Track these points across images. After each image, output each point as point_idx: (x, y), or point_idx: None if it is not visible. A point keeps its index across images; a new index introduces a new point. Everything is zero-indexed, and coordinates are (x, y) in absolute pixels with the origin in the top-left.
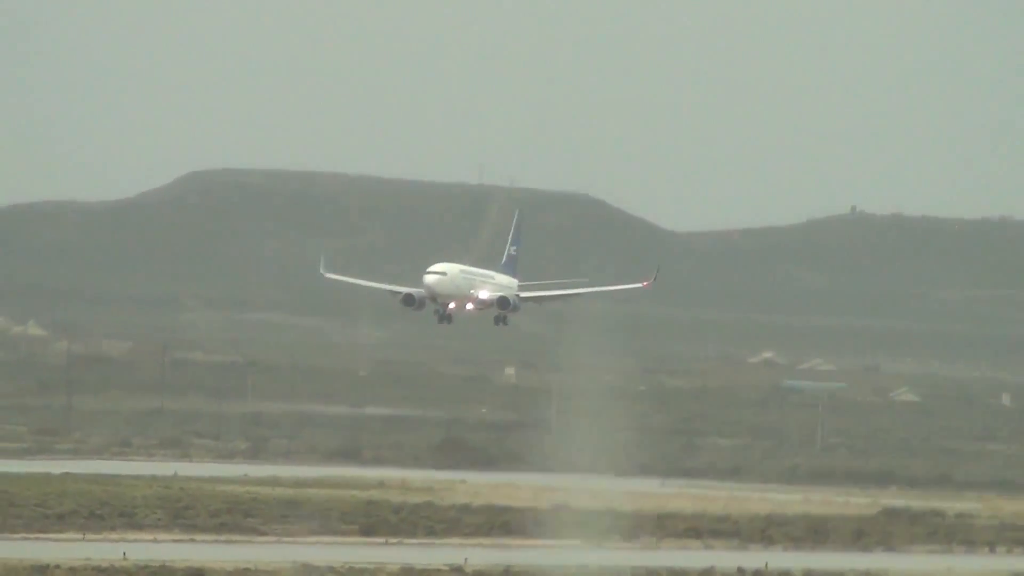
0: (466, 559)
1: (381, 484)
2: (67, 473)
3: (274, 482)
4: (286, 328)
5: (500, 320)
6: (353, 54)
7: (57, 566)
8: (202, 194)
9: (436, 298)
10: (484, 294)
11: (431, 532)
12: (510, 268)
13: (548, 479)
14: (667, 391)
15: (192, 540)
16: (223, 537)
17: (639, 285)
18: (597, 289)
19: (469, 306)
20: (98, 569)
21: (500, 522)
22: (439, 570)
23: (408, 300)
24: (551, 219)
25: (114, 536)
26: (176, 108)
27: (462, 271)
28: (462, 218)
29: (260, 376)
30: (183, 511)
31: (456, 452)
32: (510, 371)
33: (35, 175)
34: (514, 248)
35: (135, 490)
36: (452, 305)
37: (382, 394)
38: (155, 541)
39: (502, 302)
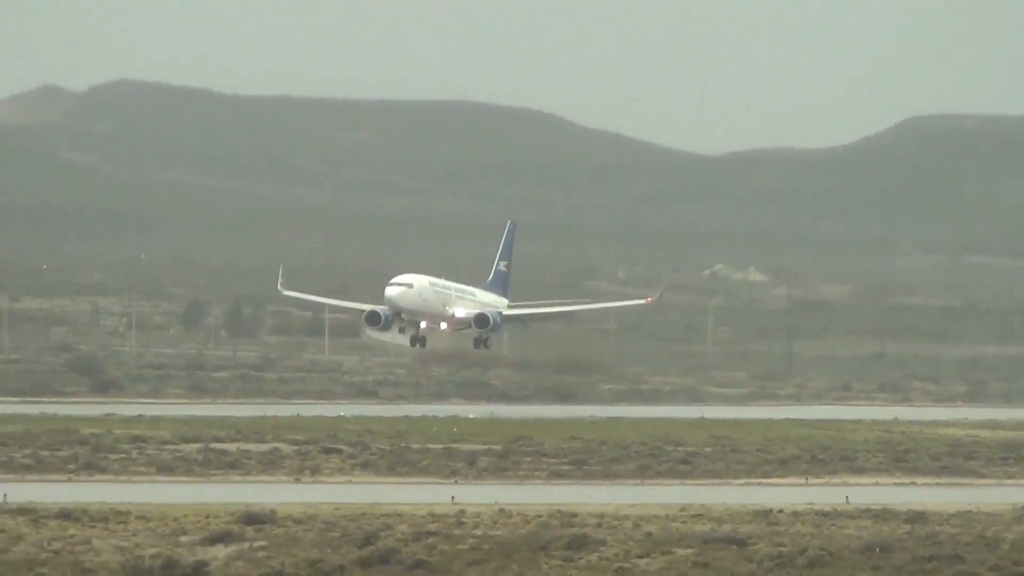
0: None
1: None
2: (788, 418)
3: (994, 425)
4: (1004, 271)
5: (480, 343)
6: None
7: (780, 510)
8: (920, 140)
9: (401, 314)
10: (460, 312)
11: None
12: (499, 285)
13: None
14: None
15: (913, 483)
16: (943, 480)
17: (642, 302)
18: (596, 306)
19: (443, 326)
20: (821, 513)
21: None
22: None
23: (372, 319)
24: None
25: (836, 480)
26: (896, 54)
27: (432, 284)
28: None
29: (979, 319)
30: (904, 454)
31: None
32: None
33: (753, 123)
34: (504, 263)
35: (855, 434)
36: (424, 324)
37: None
38: (876, 484)
39: (480, 320)
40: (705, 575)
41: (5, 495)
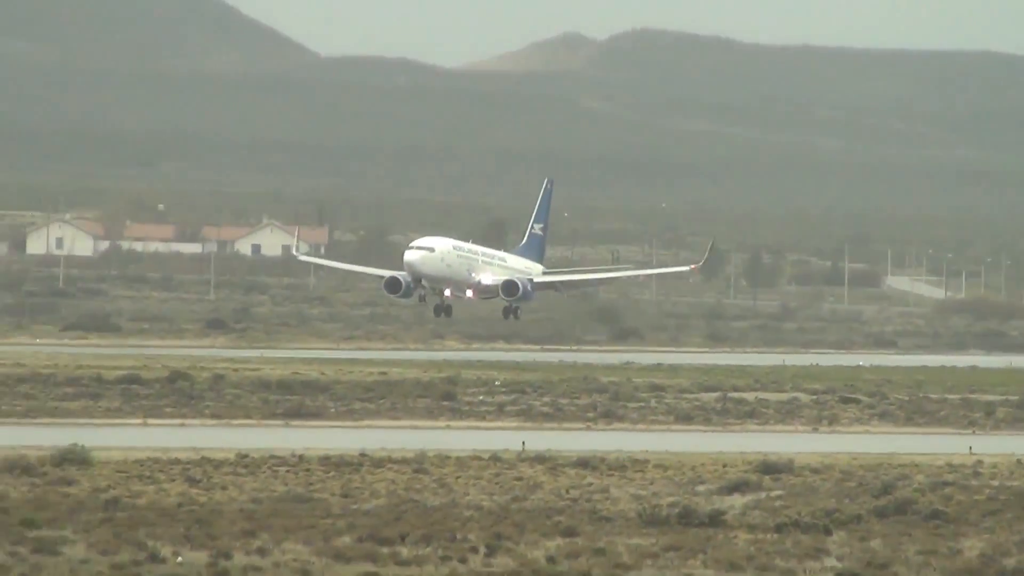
0: None
1: None
2: None
3: None
4: None
5: (510, 312)
6: None
7: None
8: None
9: (422, 280)
10: (487, 278)
11: None
12: (533, 249)
13: None
14: None
15: None
16: None
17: (686, 268)
18: (637, 272)
19: (468, 293)
20: None
21: None
22: None
23: (392, 285)
24: None
25: None
26: None
27: (456, 247)
28: None
29: None
30: None
31: None
32: None
33: None
34: (539, 225)
35: None
36: (448, 292)
37: None
38: None
39: (508, 288)
40: None
41: (524, 443)
